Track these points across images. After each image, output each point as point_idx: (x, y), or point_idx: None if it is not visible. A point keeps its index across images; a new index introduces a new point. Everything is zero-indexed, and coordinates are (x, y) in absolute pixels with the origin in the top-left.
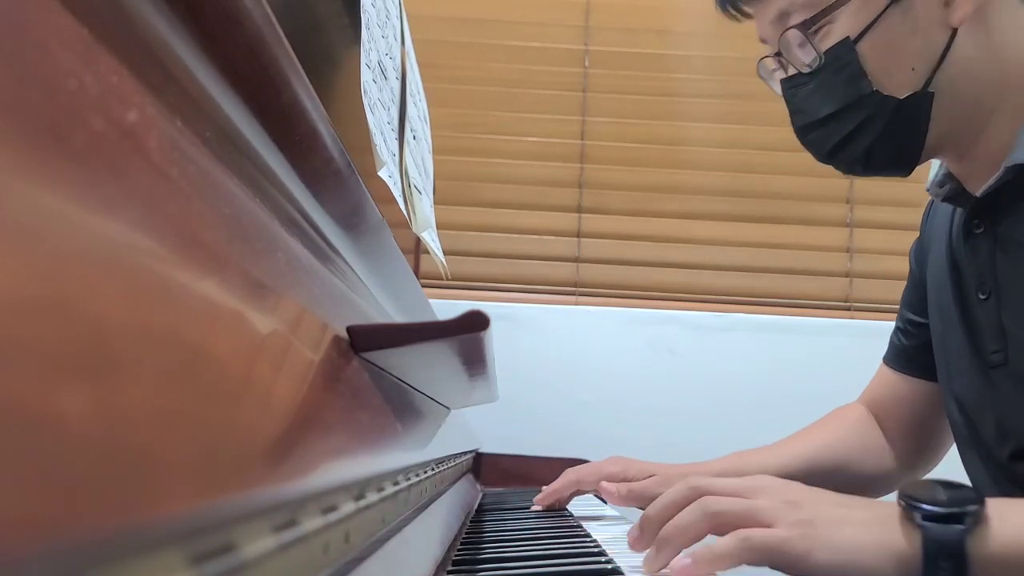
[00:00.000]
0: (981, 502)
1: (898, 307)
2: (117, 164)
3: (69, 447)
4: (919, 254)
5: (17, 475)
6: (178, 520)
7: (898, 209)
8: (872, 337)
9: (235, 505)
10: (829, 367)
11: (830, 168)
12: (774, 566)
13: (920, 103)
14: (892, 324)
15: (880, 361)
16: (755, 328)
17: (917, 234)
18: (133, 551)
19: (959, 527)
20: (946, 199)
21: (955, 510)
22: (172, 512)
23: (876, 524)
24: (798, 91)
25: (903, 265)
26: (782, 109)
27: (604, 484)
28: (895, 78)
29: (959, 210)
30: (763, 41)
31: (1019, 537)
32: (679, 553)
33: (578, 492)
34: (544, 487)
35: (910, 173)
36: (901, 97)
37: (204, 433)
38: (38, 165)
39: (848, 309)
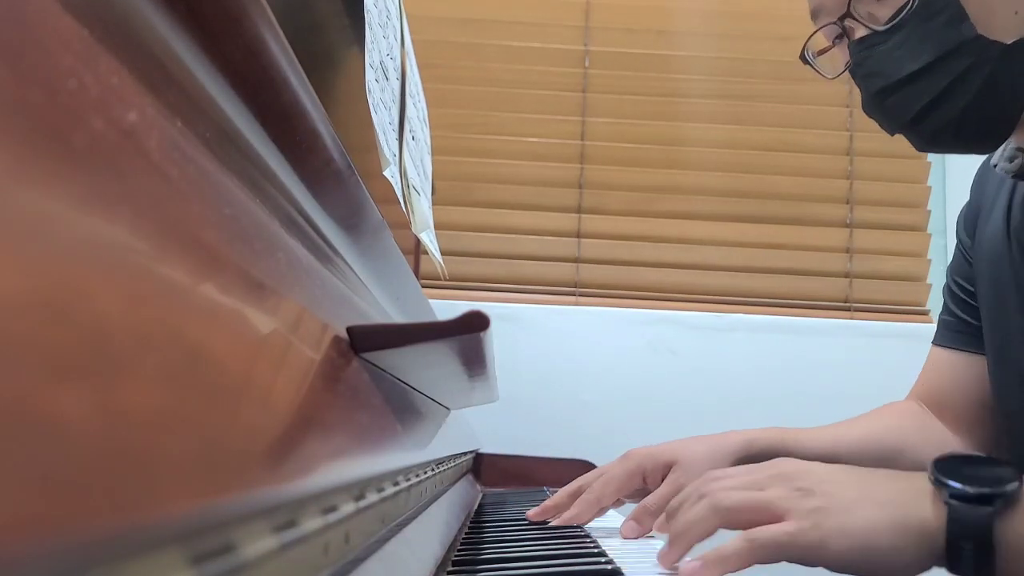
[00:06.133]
0: (1018, 482)
1: (899, 307)
2: (117, 164)
3: (69, 447)
4: (967, 221)
5: (17, 475)
6: (178, 520)
7: (898, 209)
8: (872, 337)
9: (235, 505)
10: (829, 367)
11: (830, 168)
12: (788, 560)
13: None
14: (892, 324)
15: (876, 363)
16: (755, 328)
17: (916, 234)
18: (133, 551)
19: (988, 509)
20: (1016, 175)
21: (985, 491)
22: (172, 512)
23: (894, 503)
24: (874, 51)
25: (903, 265)
26: (782, 110)
27: (625, 528)
28: (999, 20)
29: (1022, 184)
30: (814, 16)
31: None
32: (691, 548)
33: (600, 512)
34: (548, 492)
35: (995, 148)
36: (1008, 43)
37: (204, 433)
38: (38, 165)
39: (848, 310)
